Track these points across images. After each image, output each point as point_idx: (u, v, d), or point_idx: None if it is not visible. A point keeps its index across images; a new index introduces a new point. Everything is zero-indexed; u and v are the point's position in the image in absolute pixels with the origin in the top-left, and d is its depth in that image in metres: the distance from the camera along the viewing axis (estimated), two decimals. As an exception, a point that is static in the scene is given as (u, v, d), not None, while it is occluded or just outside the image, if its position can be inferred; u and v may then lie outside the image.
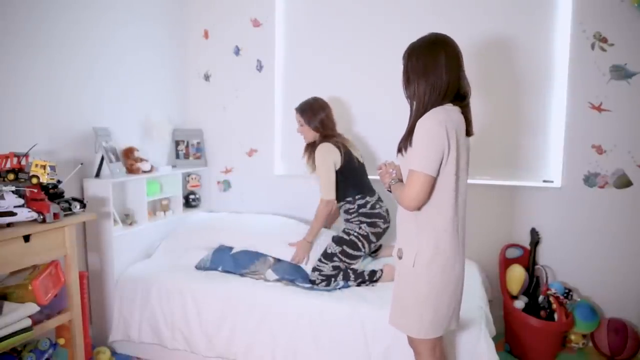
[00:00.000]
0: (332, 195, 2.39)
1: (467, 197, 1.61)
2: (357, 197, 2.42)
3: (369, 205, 2.42)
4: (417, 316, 1.55)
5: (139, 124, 2.90)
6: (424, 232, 1.52)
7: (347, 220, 2.47)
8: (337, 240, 2.41)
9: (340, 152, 2.41)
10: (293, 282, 2.35)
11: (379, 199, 2.49)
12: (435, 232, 1.51)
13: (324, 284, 2.30)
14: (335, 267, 2.33)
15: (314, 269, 2.33)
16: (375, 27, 2.90)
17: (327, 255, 2.36)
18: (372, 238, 2.40)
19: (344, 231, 2.44)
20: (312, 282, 2.31)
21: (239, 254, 2.52)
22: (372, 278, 2.35)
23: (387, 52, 2.85)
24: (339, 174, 2.41)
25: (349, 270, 2.35)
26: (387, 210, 2.47)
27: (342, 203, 2.45)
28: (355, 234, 2.38)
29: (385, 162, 1.75)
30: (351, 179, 2.43)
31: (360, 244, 2.37)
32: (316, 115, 2.46)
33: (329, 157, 2.39)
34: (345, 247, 2.36)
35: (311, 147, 2.50)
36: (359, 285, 2.34)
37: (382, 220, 2.42)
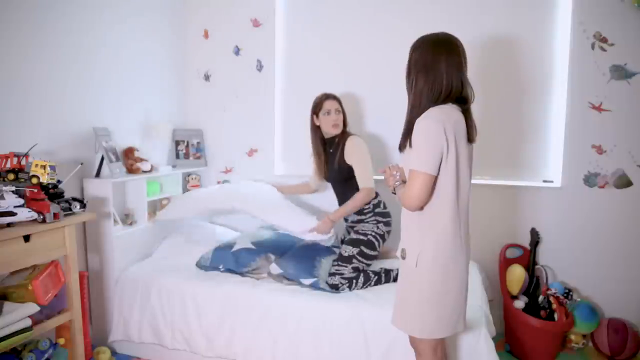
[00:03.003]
0: (373, 184, 2.40)
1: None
2: None
3: (382, 205, 2.44)
4: (419, 316, 1.55)
5: (139, 124, 2.89)
6: (426, 233, 1.52)
7: (359, 221, 2.46)
8: (352, 242, 2.38)
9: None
10: (297, 279, 2.33)
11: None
12: (437, 232, 1.51)
13: (346, 287, 2.27)
14: (355, 269, 2.31)
15: (334, 274, 2.29)
16: (376, 27, 2.90)
17: (344, 259, 2.33)
18: (387, 237, 2.43)
19: (357, 232, 2.42)
20: (334, 287, 2.26)
21: (239, 252, 2.51)
22: (388, 278, 2.35)
23: (388, 52, 2.85)
24: None
25: (368, 272, 2.35)
26: None
27: None
28: (373, 233, 2.38)
29: (389, 164, 1.75)
30: None
31: (377, 244, 2.38)
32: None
33: (365, 147, 2.44)
34: (362, 248, 2.35)
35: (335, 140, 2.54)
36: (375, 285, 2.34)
37: (391, 219, 2.46)
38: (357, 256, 2.33)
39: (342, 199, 2.52)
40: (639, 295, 2.57)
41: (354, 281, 2.29)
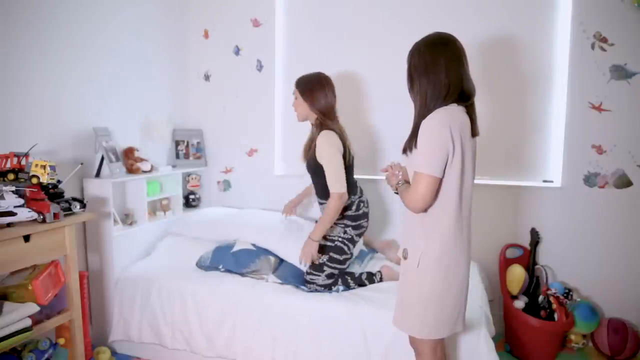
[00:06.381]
0: (344, 187, 2.19)
1: (469, 198, 1.61)
2: None
3: (354, 207, 2.33)
4: (419, 316, 1.55)
5: (139, 124, 2.89)
6: (429, 233, 1.52)
7: None
8: (321, 249, 2.30)
9: (343, 146, 2.23)
10: (295, 285, 2.34)
11: (361, 194, 2.40)
12: (440, 233, 1.51)
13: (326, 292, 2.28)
14: (329, 276, 2.28)
15: (308, 282, 2.28)
16: (376, 27, 2.90)
17: (316, 267, 2.28)
18: (357, 239, 2.37)
19: (325, 238, 2.32)
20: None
21: (239, 253, 2.51)
22: (371, 281, 2.35)
23: (388, 52, 2.85)
24: None
25: (346, 277, 2.32)
26: (367, 204, 2.42)
27: (325, 202, 2.27)
28: (340, 239, 2.32)
29: (392, 163, 1.74)
30: None
31: (346, 248, 2.32)
32: (312, 91, 2.26)
33: (336, 145, 2.20)
34: (332, 254, 2.30)
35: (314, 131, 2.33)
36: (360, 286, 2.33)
37: (366, 219, 2.39)
38: (328, 263, 2.29)
39: (316, 190, 2.40)
40: (639, 295, 2.57)
41: (332, 286, 2.28)
